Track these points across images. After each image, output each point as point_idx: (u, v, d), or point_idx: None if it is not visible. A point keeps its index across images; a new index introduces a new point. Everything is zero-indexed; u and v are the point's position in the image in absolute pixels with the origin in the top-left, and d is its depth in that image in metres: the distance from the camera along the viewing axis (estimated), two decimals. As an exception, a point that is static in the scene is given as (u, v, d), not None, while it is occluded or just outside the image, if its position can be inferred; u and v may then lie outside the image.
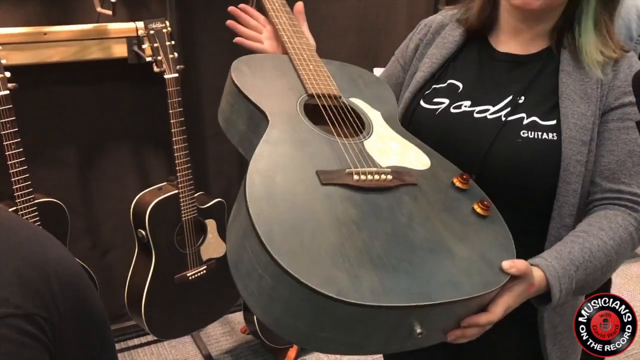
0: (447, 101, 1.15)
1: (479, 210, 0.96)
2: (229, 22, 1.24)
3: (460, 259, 0.87)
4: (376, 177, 0.94)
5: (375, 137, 1.05)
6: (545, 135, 1.05)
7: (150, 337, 2.57)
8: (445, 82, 1.17)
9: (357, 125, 1.07)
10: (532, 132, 1.06)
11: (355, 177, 0.93)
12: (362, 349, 0.86)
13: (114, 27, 2.10)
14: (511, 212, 0.98)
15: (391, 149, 1.04)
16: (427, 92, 1.18)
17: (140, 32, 2.04)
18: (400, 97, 1.24)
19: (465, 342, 1.20)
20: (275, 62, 1.17)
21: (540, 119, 1.06)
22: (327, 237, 0.82)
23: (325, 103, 1.07)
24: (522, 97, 1.09)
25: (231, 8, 1.27)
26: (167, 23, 2.03)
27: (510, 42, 1.14)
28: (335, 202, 0.88)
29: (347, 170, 0.94)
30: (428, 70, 1.19)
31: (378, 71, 1.39)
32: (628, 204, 1.04)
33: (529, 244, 1.01)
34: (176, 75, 2.02)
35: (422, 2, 2.81)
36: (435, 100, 1.16)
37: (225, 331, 2.69)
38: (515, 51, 1.13)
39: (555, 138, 1.04)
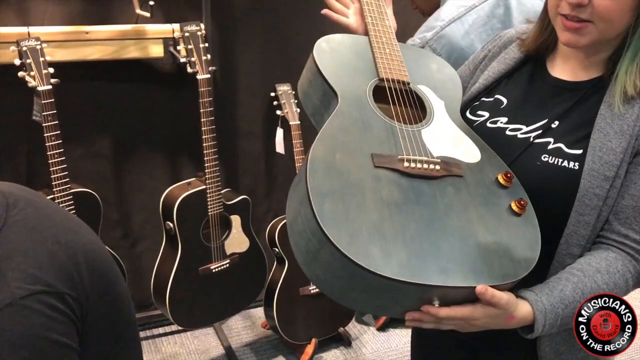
0: (487, 115, 1.16)
1: (515, 208, 1.01)
2: None
3: (486, 251, 0.94)
4: (425, 165, 1.01)
5: (434, 126, 1.12)
6: (565, 163, 1.04)
7: (174, 327, 2.64)
8: (493, 97, 1.18)
9: (419, 113, 1.14)
10: (554, 158, 1.05)
11: (406, 164, 1.00)
12: (387, 311, 0.98)
13: (152, 28, 2.17)
14: None
15: (446, 139, 1.10)
16: (476, 103, 1.20)
17: (176, 34, 2.11)
18: None
19: (480, 344, 1.19)
20: (355, 43, 1.25)
21: (567, 147, 1.05)
22: (370, 216, 0.92)
23: (393, 87, 1.14)
24: (557, 122, 1.08)
25: None
26: (202, 26, 2.11)
27: (563, 67, 1.13)
28: (383, 184, 0.97)
29: (399, 156, 1.01)
30: (483, 83, 1.20)
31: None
32: (631, 252, 1.03)
33: (536, 265, 1.01)
34: (208, 76, 2.09)
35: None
36: (479, 112, 1.18)
37: (247, 325, 2.75)
38: (566, 77, 1.12)
39: (577, 168, 1.03)
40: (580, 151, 1.04)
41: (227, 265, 2.33)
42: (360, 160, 0.99)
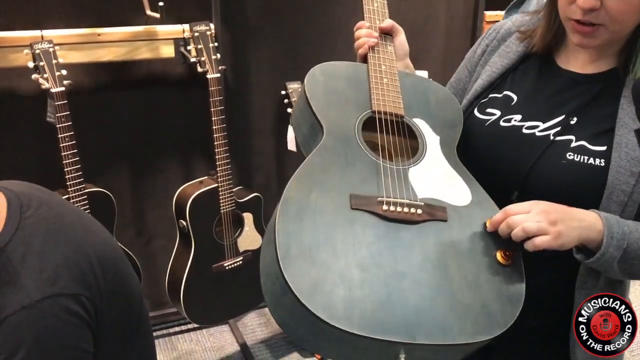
0: (498, 113, 1.12)
1: (500, 258, 0.95)
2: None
3: (460, 305, 0.87)
4: (405, 209, 0.94)
5: (424, 164, 1.05)
6: (591, 161, 1.02)
7: (190, 325, 2.67)
8: (502, 93, 1.14)
9: (410, 149, 1.07)
10: (579, 156, 1.03)
11: (385, 207, 0.93)
12: None
13: (162, 29, 2.19)
14: None
15: (435, 179, 1.03)
16: (483, 100, 1.16)
17: (186, 34, 2.13)
18: (461, 103, 1.22)
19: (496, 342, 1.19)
20: (352, 72, 1.17)
21: (590, 144, 1.03)
22: (338, 262, 0.86)
23: (385, 120, 1.07)
24: (575, 118, 1.05)
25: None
26: (212, 26, 2.13)
27: (574, 59, 1.11)
28: (357, 227, 0.90)
29: (379, 198, 0.94)
30: (487, 79, 1.17)
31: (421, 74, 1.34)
32: None
33: (565, 264, 1.00)
34: (218, 75, 2.11)
35: (461, 3, 2.82)
36: (488, 110, 1.14)
37: (261, 322, 2.77)
38: (578, 69, 1.09)
39: (603, 164, 1.01)
40: (604, 147, 1.02)
41: (241, 262, 2.35)
42: (337, 201, 0.93)
